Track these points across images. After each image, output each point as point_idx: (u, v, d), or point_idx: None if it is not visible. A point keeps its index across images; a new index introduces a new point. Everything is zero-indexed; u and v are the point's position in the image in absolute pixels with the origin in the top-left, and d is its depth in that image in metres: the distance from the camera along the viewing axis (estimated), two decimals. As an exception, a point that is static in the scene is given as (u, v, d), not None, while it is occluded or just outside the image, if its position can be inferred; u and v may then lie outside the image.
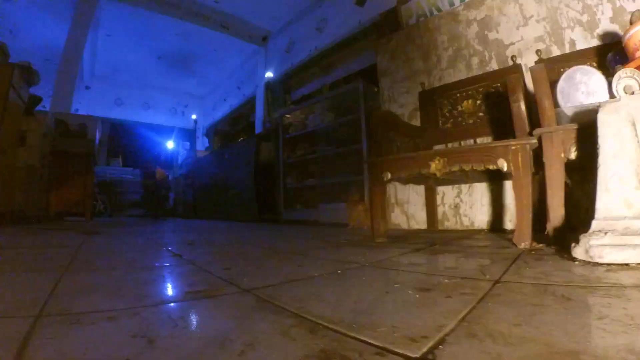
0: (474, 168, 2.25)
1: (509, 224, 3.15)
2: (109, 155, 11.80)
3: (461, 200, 3.44)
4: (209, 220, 7.32)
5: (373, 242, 2.66)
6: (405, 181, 3.08)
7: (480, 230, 3.25)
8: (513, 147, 2.15)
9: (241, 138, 8.21)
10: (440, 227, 3.50)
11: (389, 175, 2.54)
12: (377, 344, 0.73)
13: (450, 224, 3.50)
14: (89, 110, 9.50)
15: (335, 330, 0.82)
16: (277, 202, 6.14)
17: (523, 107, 2.44)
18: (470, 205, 3.39)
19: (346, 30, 6.36)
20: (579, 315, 0.91)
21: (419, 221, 3.68)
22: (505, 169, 2.17)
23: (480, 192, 3.34)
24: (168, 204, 10.70)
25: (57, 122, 6.49)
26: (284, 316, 0.95)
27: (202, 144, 12.61)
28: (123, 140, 12.49)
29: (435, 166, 2.31)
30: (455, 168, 2.27)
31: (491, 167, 2.22)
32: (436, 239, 2.75)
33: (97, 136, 7.04)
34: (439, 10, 3.88)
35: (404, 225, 3.80)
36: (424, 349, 0.70)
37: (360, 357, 0.67)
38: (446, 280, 1.33)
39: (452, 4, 3.77)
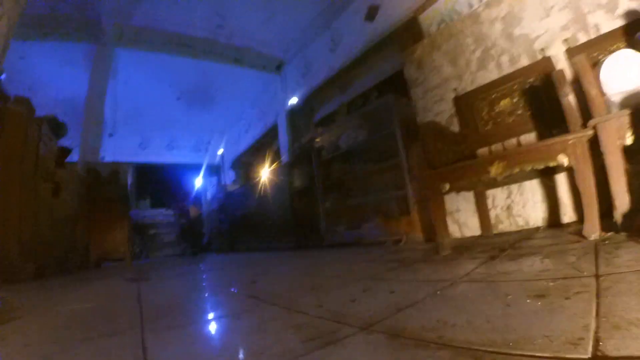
0: (535, 167, 2.24)
1: (565, 217, 3.09)
2: (137, 198, 12.00)
3: (512, 201, 3.38)
4: (250, 253, 7.30)
5: (440, 255, 2.60)
6: (458, 189, 3.05)
7: (537, 228, 3.18)
8: (571, 141, 2.16)
9: (270, 167, 8.21)
10: (495, 231, 3.44)
11: (448, 186, 2.53)
12: (548, 355, 0.75)
13: (504, 226, 3.44)
14: (114, 156, 9.70)
15: (499, 352, 0.82)
16: (317, 226, 6.04)
17: (573, 100, 2.43)
18: (522, 205, 3.33)
19: (360, 45, 6.39)
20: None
21: (472, 228, 3.62)
22: (566, 164, 2.16)
23: (531, 189, 3.28)
24: (204, 241, 10.79)
25: (88, 171, 6.68)
26: (435, 350, 0.91)
27: (228, 177, 12.70)
28: (150, 182, 12.69)
29: (495, 170, 2.30)
30: (516, 170, 2.26)
31: (551, 164, 2.21)
32: (500, 244, 2.68)
33: (129, 181, 7.19)
34: (458, 14, 3.90)
35: (457, 234, 3.74)
36: (590, 349, 0.73)
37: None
38: (551, 283, 1.32)
39: (471, 6, 3.79)
